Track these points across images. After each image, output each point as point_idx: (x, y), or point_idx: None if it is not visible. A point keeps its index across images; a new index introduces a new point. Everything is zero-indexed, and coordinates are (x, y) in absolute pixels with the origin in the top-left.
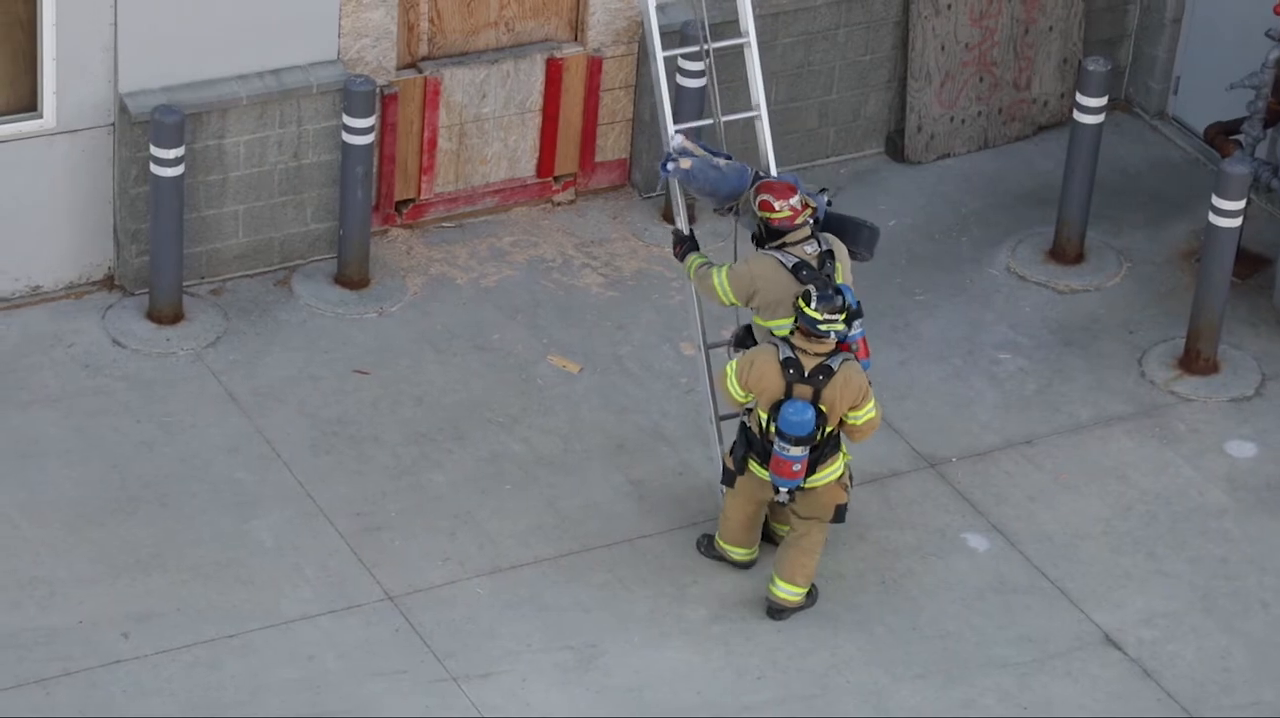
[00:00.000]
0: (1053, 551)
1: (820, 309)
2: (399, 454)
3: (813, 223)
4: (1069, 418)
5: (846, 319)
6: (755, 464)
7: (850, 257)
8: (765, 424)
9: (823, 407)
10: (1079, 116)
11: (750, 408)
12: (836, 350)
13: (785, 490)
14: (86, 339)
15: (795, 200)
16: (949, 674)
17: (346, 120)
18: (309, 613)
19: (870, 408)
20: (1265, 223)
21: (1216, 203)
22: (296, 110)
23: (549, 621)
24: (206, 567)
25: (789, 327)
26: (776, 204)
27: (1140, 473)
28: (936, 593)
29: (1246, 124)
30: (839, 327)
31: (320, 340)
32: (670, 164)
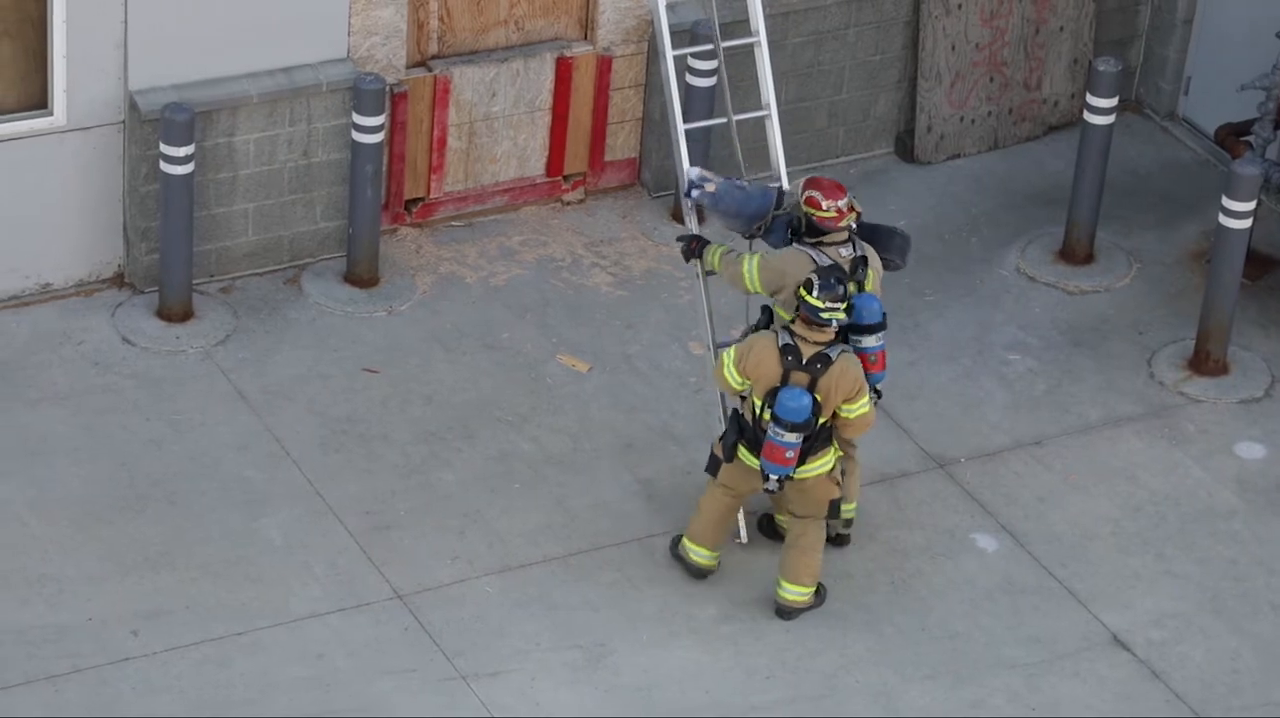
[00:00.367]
0: (1062, 551)
1: (822, 297)
2: (408, 453)
3: (853, 228)
4: (1078, 419)
5: (870, 331)
6: (745, 452)
7: (884, 265)
8: (759, 411)
9: (818, 395)
10: (1089, 117)
11: (744, 395)
12: (835, 340)
13: (775, 479)
14: (96, 337)
15: (843, 202)
16: (958, 675)
17: (356, 119)
18: (318, 611)
19: (865, 403)
20: (1275, 224)
21: (1227, 204)
22: (306, 108)
23: (558, 619)
24: (216, 565)
25: None
26: (824, 203)
27: (1149, 474)
28: (945, 593)
29: (1257, 125)
30: (840, 315)
31: (330, 339)
32: (695, 191)
